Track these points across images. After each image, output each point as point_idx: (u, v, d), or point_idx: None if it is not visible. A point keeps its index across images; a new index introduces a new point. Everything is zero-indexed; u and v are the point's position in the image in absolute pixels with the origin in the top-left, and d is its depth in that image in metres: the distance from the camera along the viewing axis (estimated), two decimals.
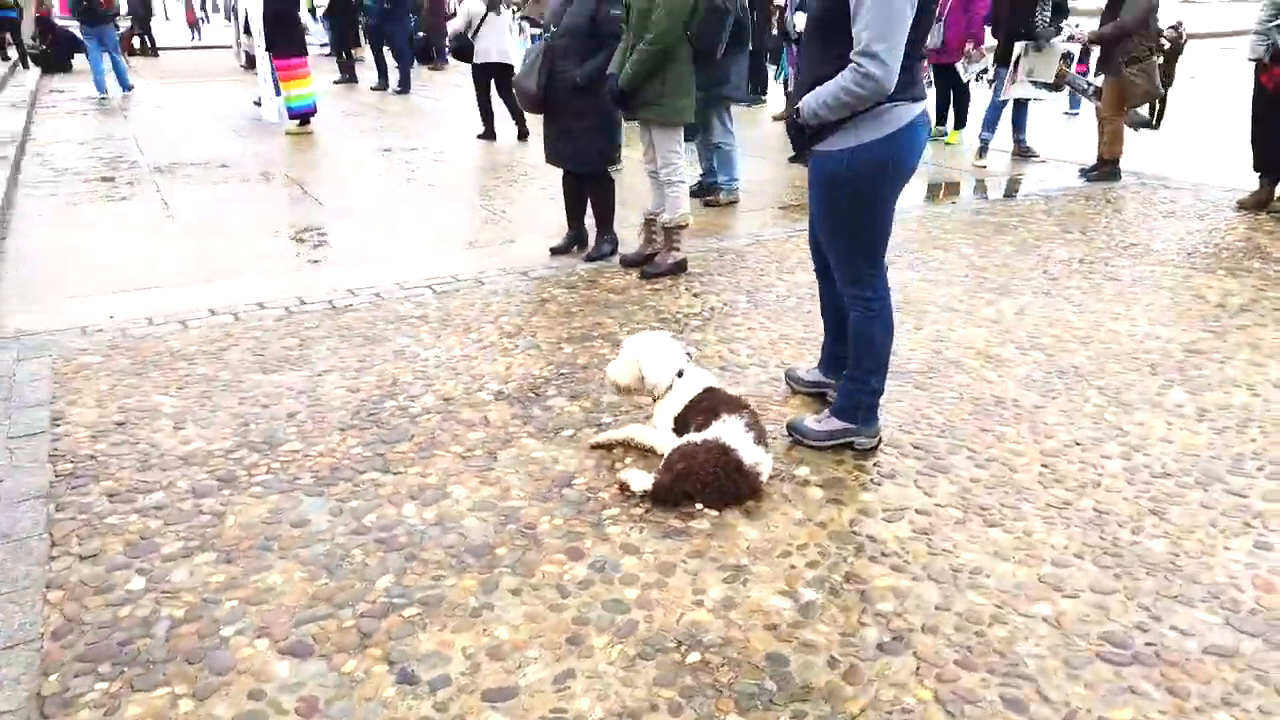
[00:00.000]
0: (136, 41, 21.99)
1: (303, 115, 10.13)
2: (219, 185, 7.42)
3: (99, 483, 2.95)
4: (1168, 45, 11.99)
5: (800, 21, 7.69)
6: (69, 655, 2.19)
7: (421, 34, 17.73)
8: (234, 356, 3.92)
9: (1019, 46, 7.75)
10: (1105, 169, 7.33)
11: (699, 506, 2.76)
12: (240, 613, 2.33)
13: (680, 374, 3.11)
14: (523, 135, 9.29)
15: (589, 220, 5.37)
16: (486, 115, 9.37)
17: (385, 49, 14.23)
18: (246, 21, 11.50)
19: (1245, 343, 4.00)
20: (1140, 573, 2.46)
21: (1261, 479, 2.92)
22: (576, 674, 2.11)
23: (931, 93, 9.63)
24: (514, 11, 13.31)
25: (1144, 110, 7.21)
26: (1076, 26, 7.89)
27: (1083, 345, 3.99)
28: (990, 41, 8.43)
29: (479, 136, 9.49)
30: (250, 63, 12.96)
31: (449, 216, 6.41)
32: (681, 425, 3.01)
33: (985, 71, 8.47)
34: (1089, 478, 2.94)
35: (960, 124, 9.09)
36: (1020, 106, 8.24)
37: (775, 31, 10.90)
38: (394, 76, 14.02)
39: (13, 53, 17.04)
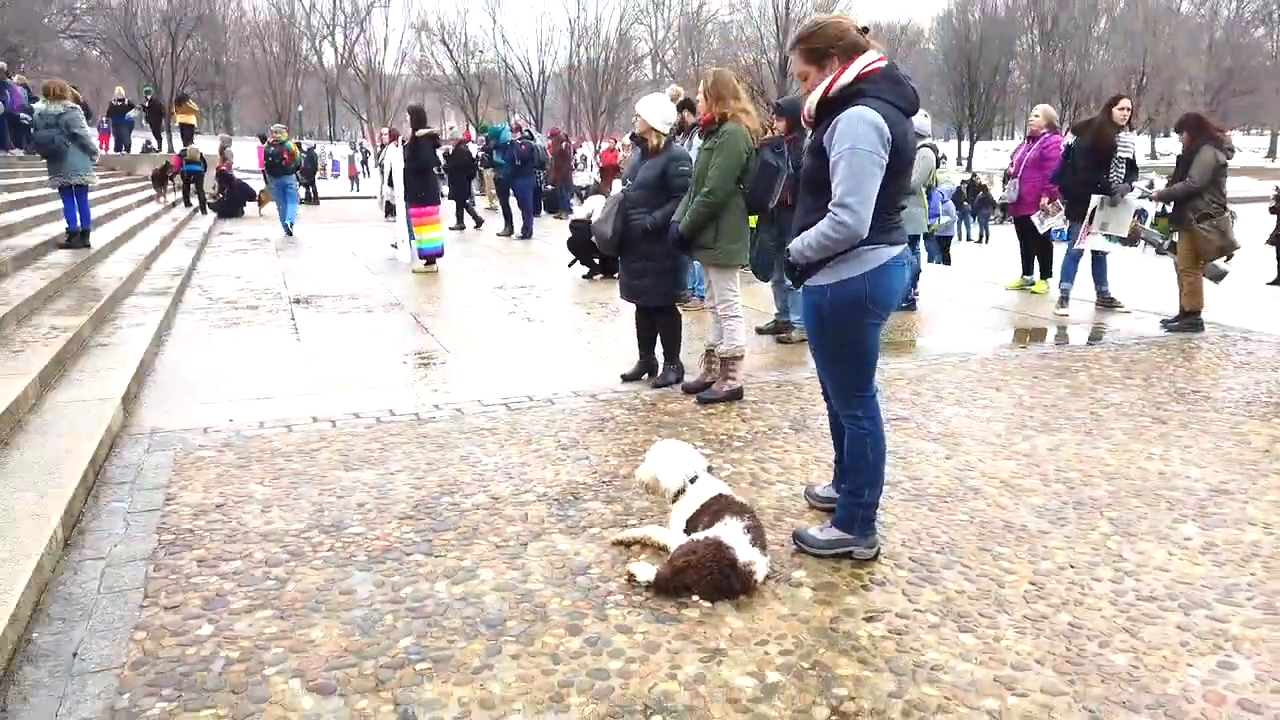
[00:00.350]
0: (302, 192, 24.51)
1: (431, 256, 11.19)
2: (345, 315, 8.30)
3: (192, 551, 3.46)
4: (1275, 202, 11.95)
5: None
6: (141, 681, 2.64)
7: (550, 186, 19.23)
8: (323, 456, 4.47)
9: (1094, 200, 8.00)
10: (1186, 320, 7.37)
11: (695, 597, 3.04)
12: (283, 658, 2.74)
13: (694, 480, 3.45)
14: None
15: (659, 350, 5.83)
16: (588, 261, 10.17)
17: (512, 199, 15.52)
18: (391, 175, 12.93)
19: (1277, 486, 4.04)
20: (1095, 680, 2.60)
21: (1248, 608, 3.00)
22: None
23: (1017, 245, 9.88)
24: None
25: (1222, 263, 7.28)
26: (1150, 185, 8.09)
27: (1107, 480, 4.11)
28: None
29: (584, 277, 10.27)
30: (390, 211, 14.42)
31: (540, 345, 7.00)
32: (691, 526, 3.32)
33: (1061, 227, 8.68)
34: (1073, 596, 3.08)
35: (1046, 274, 9.27)
36: (1099, 258, 8.39)
37: None
38: (519, 224, 15.24)
39: (194, 200, 19.29)
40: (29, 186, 13.35)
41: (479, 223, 16.54)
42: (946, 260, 18.20)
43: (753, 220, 5.62)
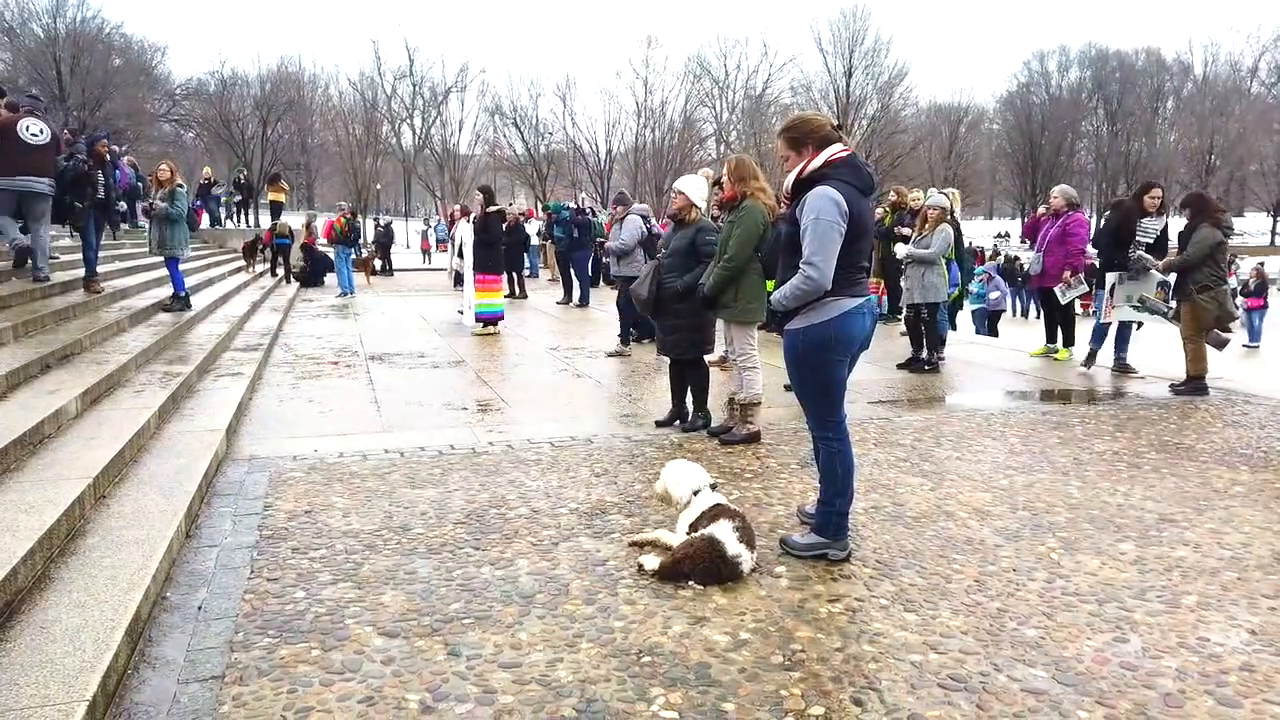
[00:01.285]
0: (378, 263, 26.02)
1: (491, 320, 12.15)
2: (414, 369, 9.21)
3: (286, 542, 4.25)
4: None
5: (901, 250, 8.91)
6: (251, 625, 3.40)
7: (607, 259, 20.26)
8: (393, 477, 5.26)
9: (1111, 276, 8.60)
10: (1192, 384, 7.84)
11: (692, 584, 3.71)
12: (360, 613, 3.48)
13: (697, 492, 4.13)
14: None
15: (690, 400, 6.54)
16: (636, 325, 10.99)
17: (571, 270, 16.52)
18: (461, 247, 14.02)
19: (1220, 517, 4.56)
20: (1006, 646, 3.20)
21: (1155, 603, 3.56)
22: (564, 660, 3.11)
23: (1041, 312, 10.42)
24: None
25: (1223, 332, 7.77)
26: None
27: (1068, 510, 4.68)
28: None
29: (634, 341, 11.08)
30: (458, 281, 15.52)
31: (586, 397, 7.77)
32: (693, 529, 4.00)
33: (1082, 297, 9.30)
34: (1007, 591, 3.67)
35: (1069, 342, 9.79)
36: (1124, 326, 8.92)
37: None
38: (577, 293, 16.21)
39: (280, 270, 20.75)
40: (134, 256, 14.76)
41: (523, 294, 17.74)
42: (994, 332, 18.66)
43: (770, 285, 6.37)
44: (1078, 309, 9.78)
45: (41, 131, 9.13)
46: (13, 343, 6.94)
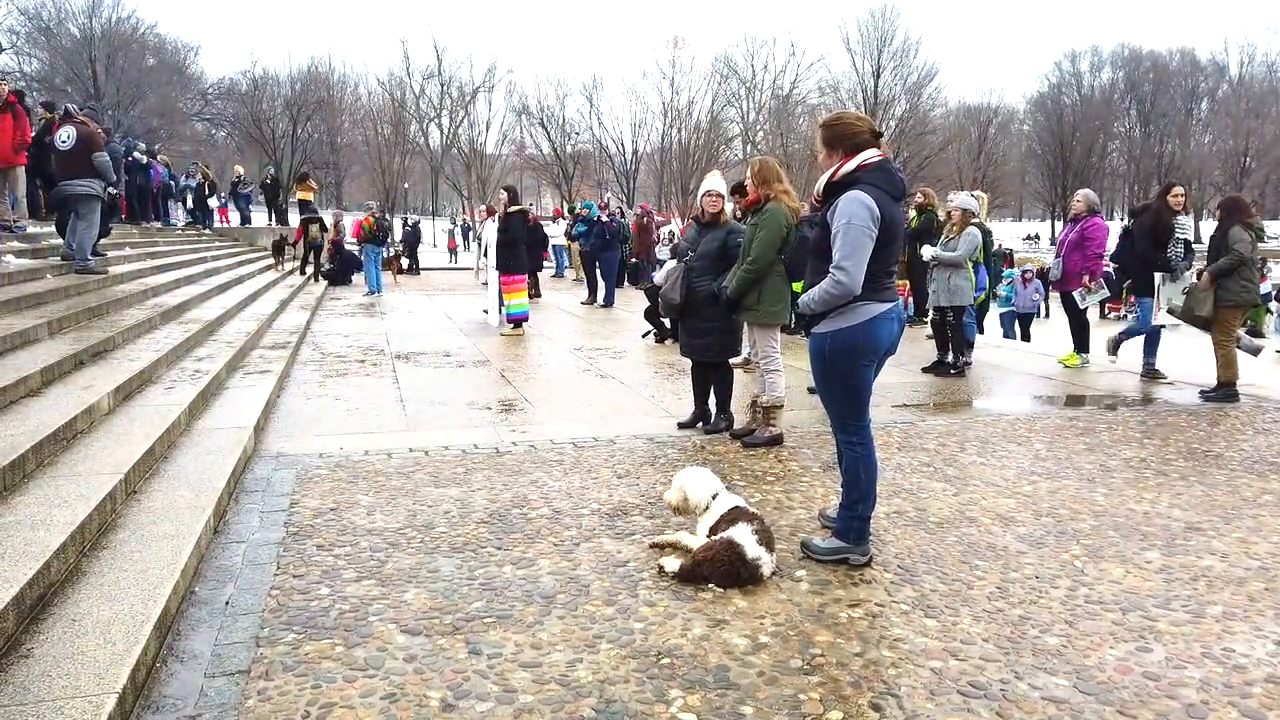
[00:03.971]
0: (405, 262, 26.22)
1: (516, 320, 12.21)
2: (439, 369, 9.28)
3: (311, 539, 4.31)
4: None
5: (927, 252, 8.86)
6: (277, 620, 3.45)
7: (633, 259, 20.30)
8: (418, 476, 5.31)
9: (1158, 278, 8.51)
10: (1222, 391, 7.74)
11: (712, 586, 3.73)
12: (383, 610, 3.52)
13: (716, 496, 4.14)
14: None
15: (713, 402, 6.55)
16: (659, 324, 11.00)
17: (597, 270, 16.57)
18: (487, 247, 14.10)
19: (1249, 526, 4.51)
20: (1027, 653, 3.18)
21: (1180, 612, 3.53)
22: (583, 660, 3.13)
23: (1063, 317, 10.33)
24: None
25: (1256, 337, 7.67)
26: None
27: (1094, 517, 4.64)
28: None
29: (656, 340, 11.09)
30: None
31: (609, 398, 7.79)
32: (713, 533, 4.01)
33: (1106, 300, 9.25)
34: (1030, 598, 3.65)
35: (1081, 348, 9.65)
36: (1154, 332, 8.83)
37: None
38: (602, 293, 16.25)
39: (310, 268, 20.95)
40: (168, 254, 14.97)
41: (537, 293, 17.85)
42: (1026, 336, 18.50)
43: (796, 286, 6.35)
44: (1095, 315, 9.70)
45: (69, 138, 9.87)
46: (48, 339, 7.06)
